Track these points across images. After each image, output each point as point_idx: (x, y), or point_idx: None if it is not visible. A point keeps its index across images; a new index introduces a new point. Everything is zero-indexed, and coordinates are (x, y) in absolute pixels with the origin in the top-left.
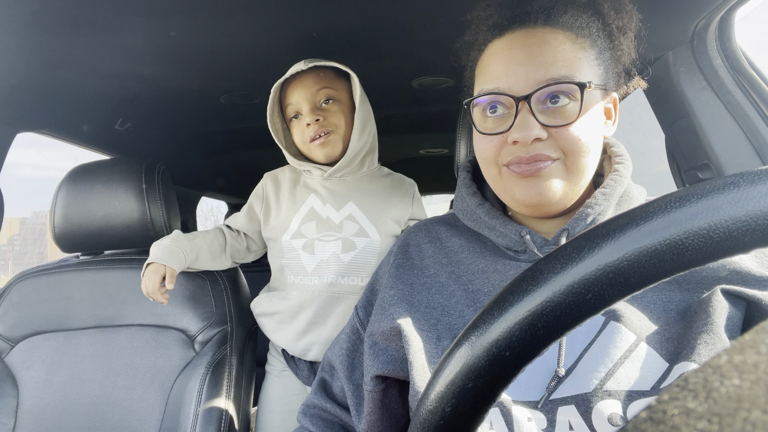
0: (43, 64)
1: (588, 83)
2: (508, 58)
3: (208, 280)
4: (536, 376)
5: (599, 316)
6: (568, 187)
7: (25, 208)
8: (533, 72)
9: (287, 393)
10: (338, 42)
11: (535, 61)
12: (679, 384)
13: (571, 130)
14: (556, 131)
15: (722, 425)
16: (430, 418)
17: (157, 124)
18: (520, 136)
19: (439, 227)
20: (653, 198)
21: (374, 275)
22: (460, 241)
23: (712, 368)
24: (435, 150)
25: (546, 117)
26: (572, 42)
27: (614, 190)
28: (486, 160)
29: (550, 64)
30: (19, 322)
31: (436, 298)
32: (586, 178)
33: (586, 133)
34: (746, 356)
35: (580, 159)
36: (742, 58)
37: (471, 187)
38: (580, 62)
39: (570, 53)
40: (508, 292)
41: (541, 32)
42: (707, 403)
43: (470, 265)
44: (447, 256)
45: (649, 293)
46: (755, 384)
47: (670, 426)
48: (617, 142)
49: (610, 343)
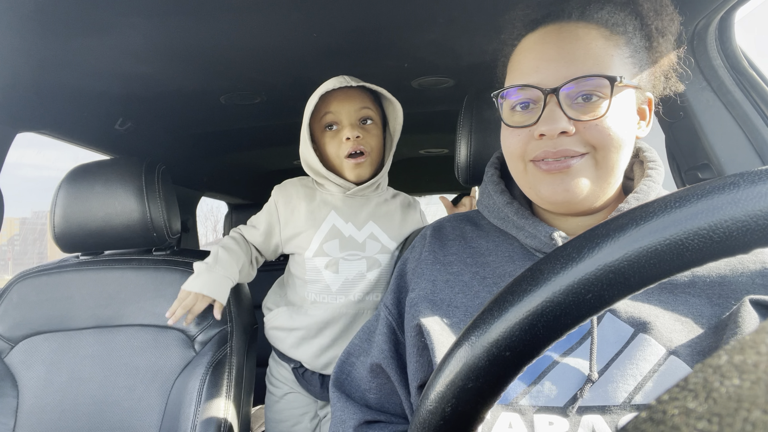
0: (43, 64)
1: (619, 78)
2: (539, 53)
3: None
4: (562, 381)
5: (627, 327)
6: (597, 185)
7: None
8: (563, 67)
9: (295, 414)
10: (338, 42)
11: (566, 56)
12: (679, 384)
13: (600, 123)
14: (584, 126)
15: (722, 425)
16: (430, 418)
17: (157, 124)
18: (547, 128)
19: (464, 225)
20: None
21: (398, 271)
22: (487, 244)
23: (712, 368)
24: (435, 150)
25: (575, 111)
26: (605, 39)
27: (647, 196)
28: (512, 155)
29: (581, 60)
30: (19, 322)
31: (459, 298)
32: (616, 177)
33: (617, 128)
34: (746, 356)
35: (611, 154)
36: (742, 58)
37: (499, 185)
38: (612, 59)
39: (602, 50)
40: (507, 292)
41: (574, 27)
42: (707, 403)
43: (497, 268)
44: (472, 255)
45: (681, 306)
46: (755, 384)
47: (670, 426)
48: (650, 147)
49: (639, 356)
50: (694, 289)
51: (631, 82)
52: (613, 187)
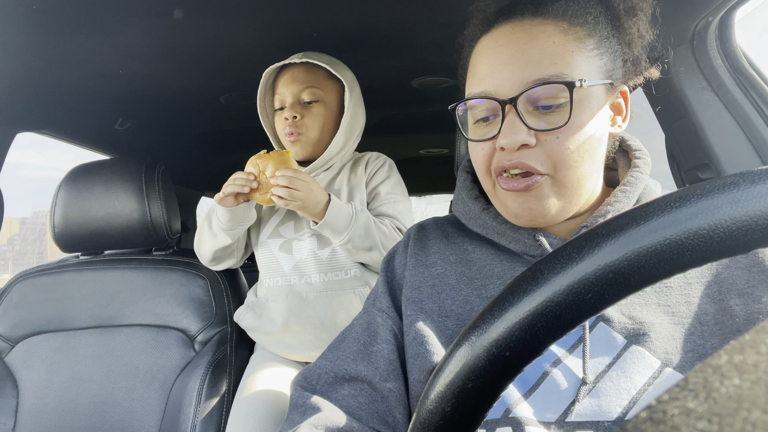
0: (44, 64)
1: (580, 81)
2: (493, 57)
3: (208, 280)
4: (553, 395)
5: (620, 337)
6: (564, 200)
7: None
8: (519, 72)
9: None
10: (338, 42)
11: (521, 59)
12: (679, 384)
13: (561, 135)
14: (546, 138)
15: (722, 425)
16: (430, 418)
17: (157, 124)
18: (506, 142)
19: (446, 227)
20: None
21: (385, 266)
22: (471, 242)
23: (712, 368)
24: (435, 150)
25: (536, 120)
26: (564, 33)
27: (635, 188)
28: (480, 169)
29: (537, 62)
30: (19, 322)
31: (447, 305)
32: (586, 186)
33: (581, 139)
34: (746, 356)
35: (571, 173)
36: (742, 58)
37: (473, 190)
38: (573, 56)
39: (560, 47)
40: (508, 292)
41: (528, 26)
42: (707, 403)
43: (483, 267)
44: (455, 253)
45: (683, 307)
46: (755, 384)
47: (670, 426)
48: (632, 136)
49: (633, 369)
50: (692, 289)
51: (595, 81)
52: (586, 194)
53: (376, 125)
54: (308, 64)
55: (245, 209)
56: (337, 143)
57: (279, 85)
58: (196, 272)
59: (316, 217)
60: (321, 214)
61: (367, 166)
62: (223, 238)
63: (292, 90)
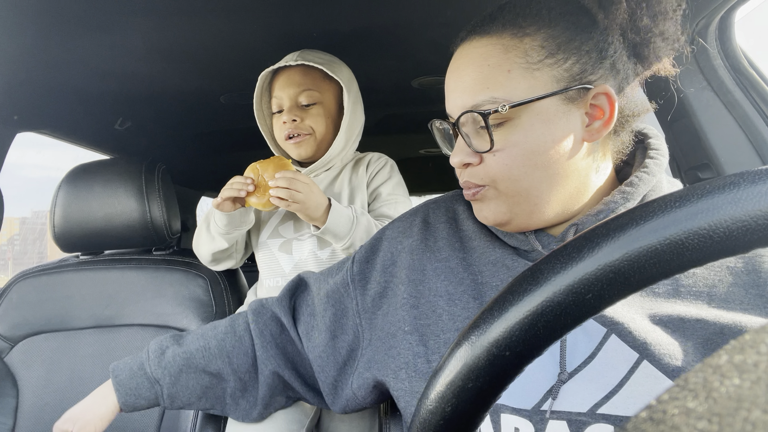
0: (43, 64)
1: (501, 107)
2: (446, 82)
3: (208, 280)
4: (531, 384)
5: (600, 327)
6: (518, 208)
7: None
8: (458, 98)
9: None
10: (338, 42)
11: (460, 86)
12: (679, 384)
13: (498, 155)
14: (486, 156)
15: (722, 425)
16: (430, 418)
17: (157, 124)
18: (452, 161)
19: (457, 205)
20: None
21: (380, 242)
22: (474, 226)
23: (712, 368)
24: (435, 150)
25: (479, 141)
26: (503, 51)
27: (638, 189)
28: None
29: (470, 87)
30: (19, 322)
31: (443, 285)
32: (549, 194)
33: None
34: (746, 356)
35: (515, 184)
36: (742, 58)
37: None
38: (509, 76)
39: (494, 69)
40: (508, 292)
41: (469, 49)
42: (707, 403)
43: (482, 255)
44: (461, 240)
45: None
46: (755, 384)
47: (670, 426)
48: (657, 133)
49: (610, 363)
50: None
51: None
52: (555, 199)
53: (376, 125)
54: (303, 65)
55: (243, 214)
56: (338, 143)
57: (275, 88)
58: (196, 272)
59: (316, 221)
60: (322, 218)
61: (368, 166)
62: (221, 242)
63: (289, 93)
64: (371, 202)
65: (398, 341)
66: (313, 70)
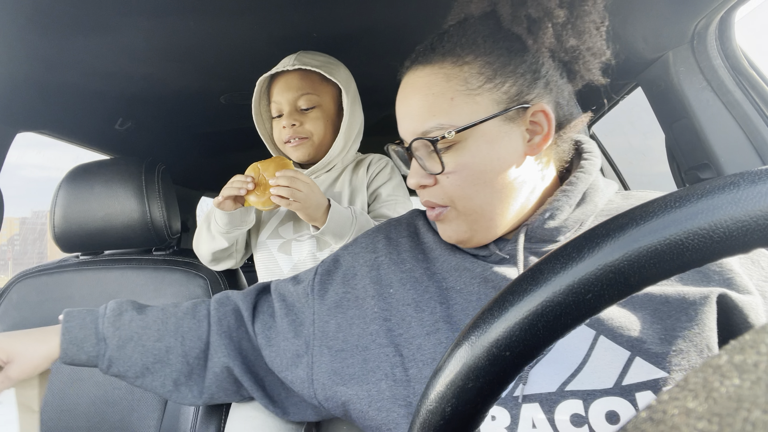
0: (44, 64)
1: (447, 133)
2: (396, 109)
3: (208, 280)
4: None
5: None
6: (477, 225)
7: (25, 208)
8: (408, 124)
9: None
10: (338, 42)
11: (408, 113)
12: (679, 384)
13: (450, 177)
14: (440, 177)
15: (722, 425)
16: (430, 418)
17: (157, 124)
18: (409, 183)
19: (417, 221)
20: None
21: (342, 257)
22: (434, 237)
23: (712, 368)
24: None
25: (433, 163)
26: (445, 80)
27: (576, 187)
28: None
29: (418, 115)
30: (19, 322)
31: (410, 294)
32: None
33: (471, 175)
34: (746, 356)
35: (470, 202)
36: (742, 58)
37: None
38: (452, 103)
39: (438, 97)
40: (508, 292)
41: (415, 77)
42: (707, 403)
43: (444, 262)
44: (423, 251)
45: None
46: (755, 384)
47: (670, 426)
48: (587, 139)
49: (572, 342)
50: None
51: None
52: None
53: (376, 125)
54: (300, 69)
55: (243, 213)
56: (338, 145)
57: (274, 92)
58: (196, 272)
59: (316, 221)
60: (322, 218)
61: (369, 168)
62: (221, 241)
63: (288, 98)
64: (371, 203)
65: (373, 354)
66: (311, 73)
